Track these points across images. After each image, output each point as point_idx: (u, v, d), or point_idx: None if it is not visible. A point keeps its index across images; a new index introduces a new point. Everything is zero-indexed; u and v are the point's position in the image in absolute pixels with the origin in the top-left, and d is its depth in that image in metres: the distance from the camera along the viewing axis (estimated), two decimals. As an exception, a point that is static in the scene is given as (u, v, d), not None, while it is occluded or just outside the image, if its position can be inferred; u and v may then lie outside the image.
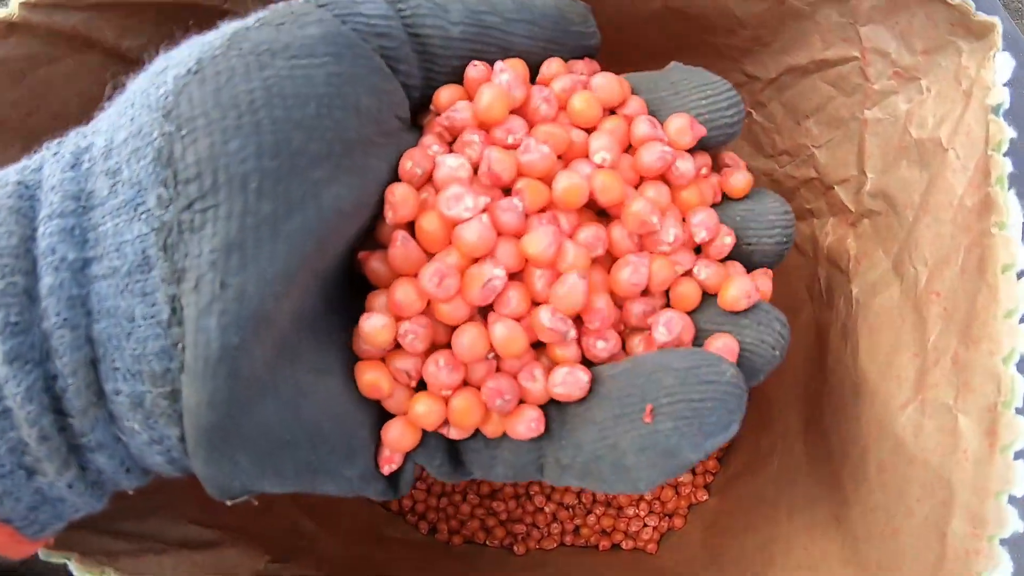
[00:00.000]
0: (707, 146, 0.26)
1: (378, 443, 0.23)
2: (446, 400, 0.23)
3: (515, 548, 0.45)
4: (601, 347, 0.23)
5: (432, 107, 0.25)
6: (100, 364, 0.20)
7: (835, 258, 0.35)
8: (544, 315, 0.22)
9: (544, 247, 0.22)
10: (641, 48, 0.35)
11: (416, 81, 0.24)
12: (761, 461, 0.42)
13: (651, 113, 0.26)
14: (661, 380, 0.22)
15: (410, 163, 0.23)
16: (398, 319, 0.22)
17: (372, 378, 0.22)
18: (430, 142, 0.24)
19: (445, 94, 0.24)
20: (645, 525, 0.45)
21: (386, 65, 0.23)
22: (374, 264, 0.23)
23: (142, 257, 0.19)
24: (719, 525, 0.43)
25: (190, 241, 0.19)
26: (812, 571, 0.32)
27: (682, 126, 0.25)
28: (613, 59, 0.28)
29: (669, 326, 0.23)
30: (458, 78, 0.25)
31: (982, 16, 0.24)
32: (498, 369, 0.23)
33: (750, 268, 0.26)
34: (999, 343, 0.23)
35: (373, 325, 0.22)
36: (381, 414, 0.23)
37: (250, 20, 0.22)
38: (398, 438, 0.23)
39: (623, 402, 0.22)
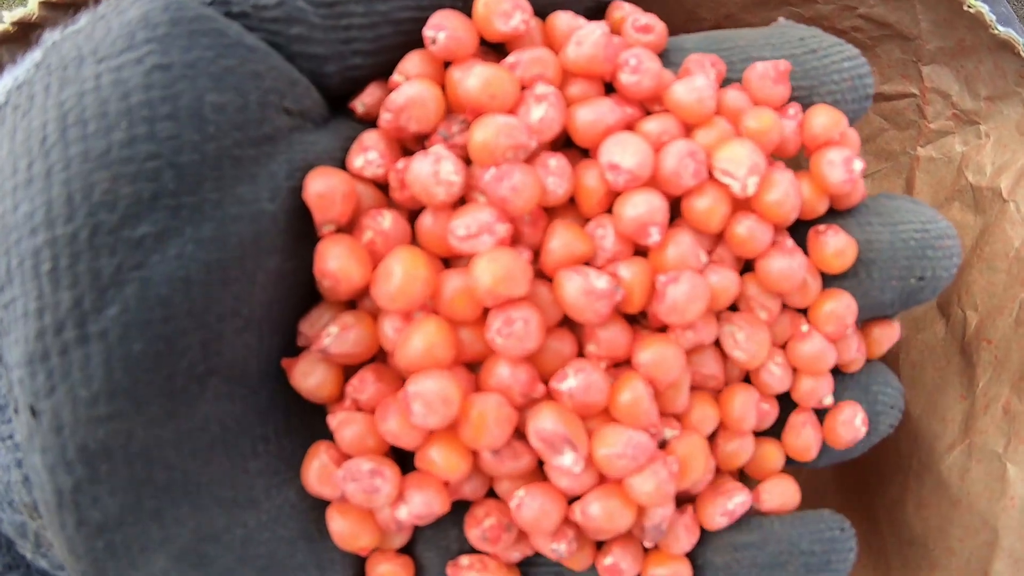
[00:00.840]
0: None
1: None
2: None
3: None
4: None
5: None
6: None
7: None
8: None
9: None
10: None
11: (334, 68, 0.17)
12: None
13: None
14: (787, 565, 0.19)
15: (362, 158, 0.17)
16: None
17: (350, 533, 0.17)
18: (372, 142, 0.17)
19: (412, 63, 0.18)
20: (668, 536, 0.46)
21: (269, 36, 0.16)
22: (299, 372, 0.17)
23: None
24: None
25: (6, 347, 0.14)
26: (843, 599, 0.32)
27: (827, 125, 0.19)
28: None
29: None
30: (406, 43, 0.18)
31: (1052, 71, 0.24)
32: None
33: None
34: (1053, 397, 0.23)
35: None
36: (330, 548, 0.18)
37: (82, 19, 0.16)
38: None
39: None
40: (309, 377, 0.17)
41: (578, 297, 0.17)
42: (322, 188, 0.16)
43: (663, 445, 0.18)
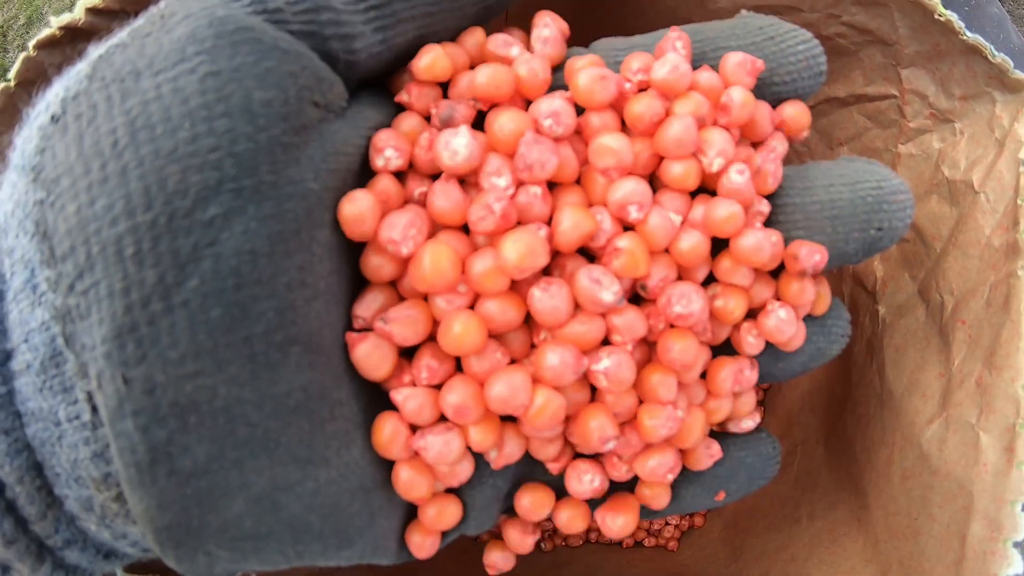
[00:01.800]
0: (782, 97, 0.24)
1: (383, 523, 0.20)
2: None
3: (543, 544, 0.48)
4: None
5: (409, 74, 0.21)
6: (44, 468, 0.17)
7: (861, 278, 0.38)
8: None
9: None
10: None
11: (361, 45, 0.19)
12: (780, 465, 0.44)
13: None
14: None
15: (382, 158, 0.20)
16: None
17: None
18: (384, 141, 0.20)
19: (427, 58, 0.20)
20: (667, 524, 0.48)
21: (308, 37, 0.18)
22: (362, 352, 0.19)
23: (52, 349, 0.17)
24: (739, 525, 0.45)
25: (83, 330, 0.16)
26: (834, 567, 0.34)
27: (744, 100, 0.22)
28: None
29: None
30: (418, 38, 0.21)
31: (1018, 74, 0.27)
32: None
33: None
34: (1020, 371, 0.25)
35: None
36: (385, 493, 0.20)
37: (122, 34, 0.18)
38: (436, 518, 0.21)
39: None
40: (372, 358, 0.19)
41: (589, 305, 0.20)
42: (352, 211, 0.19)
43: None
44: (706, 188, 0.22)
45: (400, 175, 0.21)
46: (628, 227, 0.21)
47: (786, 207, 0.23)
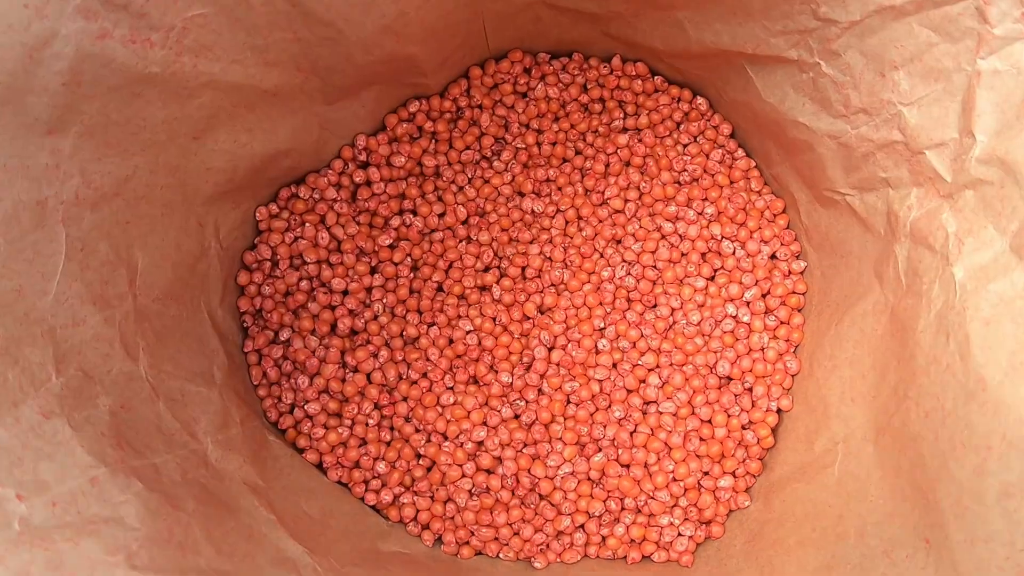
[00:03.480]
0: None
1: None
2: None
3: (534, 562, 0.40)
4: None
5: None
6: None
7: (923, 236, 0.30)
8: None
9: None
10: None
11: None
12: (815, 466, 0.37)
13: None
14: None
15: None
16: None
17: None
18: None
19: None
20: (680, 534, 0.40)
21: None
22: None
23: None
24: (766, 536, 0.38)
25: None
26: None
27: None
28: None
29: None
30: None
31: None
32: None
33: None
34: None
35: None
36: None
37: None
38: None
39: None
40: None
41: None
42: None
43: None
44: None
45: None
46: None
47: None
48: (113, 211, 0.32)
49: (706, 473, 0.41)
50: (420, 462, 0.42)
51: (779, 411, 0.41)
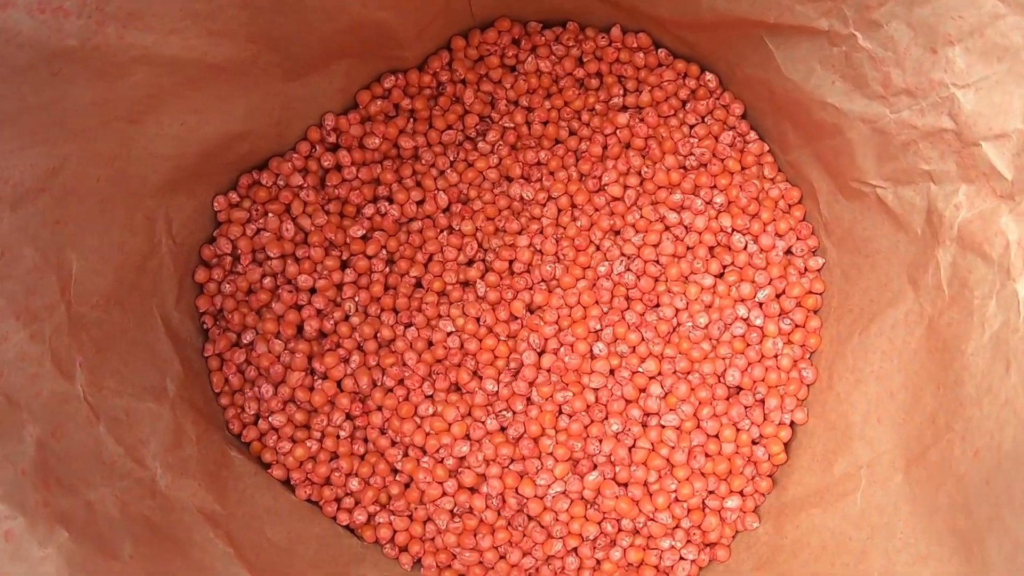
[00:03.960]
0: None
1: None
2: None
3: (521, 589, 0.37)
4: None
5: None
6: None
7: (976, 241, 0.26)
8: None
9: None
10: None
11: None
12: (835, 492, 0.33)
13: None
14: None
15: None
16: None
17: None
18: None
19: None
20: (682, 558, 0.37)
21: None
22: None
23: None
24: (777, 566, 0.34)
25: None
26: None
27: None
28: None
29: None
30: None
31: None
32: None
33: None
34: None
35: None
36: None
37: None
38: None
39: None
40: None
41: None
42: None
43: None
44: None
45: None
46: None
47: None
48: (39, 210, 0.28)
49: (711, 492, 0.37)
50: (397, 478, 0.38)
51: (792, 424, 0.37)
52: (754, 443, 0.37)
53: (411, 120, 0.40)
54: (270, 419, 0.37)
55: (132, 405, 0.33)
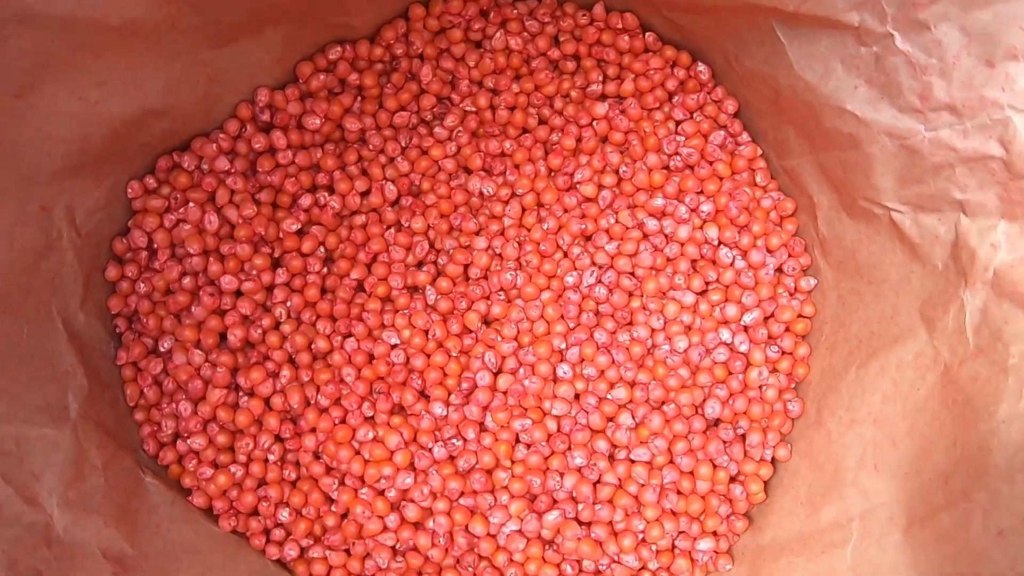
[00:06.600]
0: None
1: None
2: None
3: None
4: None
5: None
6: None
7: (1017, 291, 0.22)
8: None
9: None
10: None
11: None
12: (822, 541, 0.30)
13: None
14: None
15: None
16: None
17: None
18: None
19: None
20: (649, 600, 0.33)
21: None
22: None
23: None
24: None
25: None
26: None
27: None
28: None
29: None
30: None
31: None
32: None
33: None
34: None
35: None
36: None
37: None
38: None
39: None
40: None
41: None
42: None
43: None
44: None
45: None
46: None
47: None
48: None
49: (682, 532, 0.33)
50: (333, 508, 0.33)
51: (773, 460, 0.34)
52: (732, 480, 0.33)
53: (358, 98, 0.35)
54: (189, 441, 0.33)
55: (23, 432, 0.28)
